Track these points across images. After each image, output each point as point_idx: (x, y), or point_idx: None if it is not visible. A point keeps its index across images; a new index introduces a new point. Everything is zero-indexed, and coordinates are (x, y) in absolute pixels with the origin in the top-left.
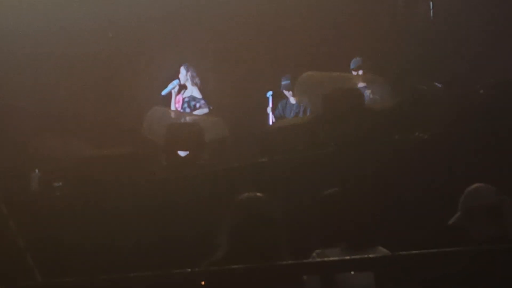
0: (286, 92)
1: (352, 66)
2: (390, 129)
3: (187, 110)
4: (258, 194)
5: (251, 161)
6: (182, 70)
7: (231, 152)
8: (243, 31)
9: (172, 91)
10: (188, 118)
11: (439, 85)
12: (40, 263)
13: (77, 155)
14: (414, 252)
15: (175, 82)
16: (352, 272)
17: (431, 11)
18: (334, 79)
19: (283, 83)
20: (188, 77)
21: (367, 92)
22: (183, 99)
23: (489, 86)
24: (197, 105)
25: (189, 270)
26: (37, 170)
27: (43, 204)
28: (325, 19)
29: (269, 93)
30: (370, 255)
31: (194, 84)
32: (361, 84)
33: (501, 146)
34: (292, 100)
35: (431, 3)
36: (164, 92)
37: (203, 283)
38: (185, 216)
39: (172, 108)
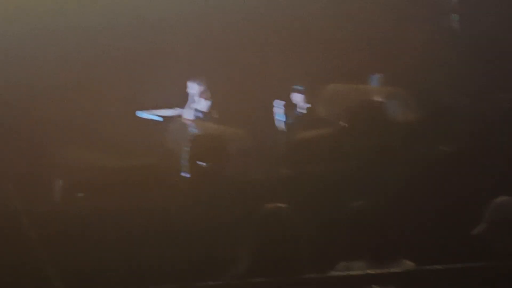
0: (296, 97)
1: (372, 83)
2: (415, 142)
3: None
4: (281, 205)
5: (275, 173)
6: (193, 85)
7: (254, 163)
8: (257, 41)
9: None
10: (211, 129)
11: (464, 98)
12: (62, 275)
13: (100, 165)
14: (438, 267)
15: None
16: (375, 287)
17: (457, 23)
18: (358, 91)
19: (294, 87)
20: (199, 91)
21: (392, 105)
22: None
23: None
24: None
25: (212, 283)
26: (60, 181)
27: (66, 214)
28: (349, 31)
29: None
30: (394, 270)
31: (206, 98)
32: (385, 97)
33: None
34: (300, 108)
35: (456, 15)
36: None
37: None
38: (208, 228)
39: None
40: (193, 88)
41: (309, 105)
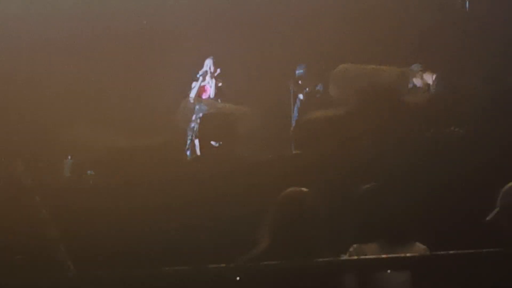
0: (304, 77)
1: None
2: (427, 123)
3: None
4: (303, 189)
5: (284, 153)
6: (208, 62)
7: (264, 143)
8: (270, 22)
9: (201, 77)
10: (221, 109)
11: (476, 81)
12: (72, 252)
13: (110, 144)
14: (451, 252)
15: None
16: (389, 271)
17: (467, 2)
18: (369, 72)
19: (297, 72)
20: (211, 71)
21: (404, 86)
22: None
23: None
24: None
25: (224, 265)
26: (69, 157)
27: (76, 192)
28: (359, 12)
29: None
30: (408, 254)
31: (213, 77)
32: (397, 78)
33: None
34: (309, 88)
35: None
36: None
37: (238, 278)
38: (217, 208)
39: (192, 95)
40: (205, 67)
41: (319, 86)
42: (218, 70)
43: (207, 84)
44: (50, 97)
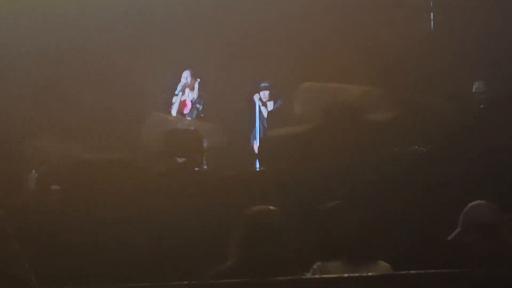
0: (262, 94)
1: (474, 89)
2: (390, 141)
3: (195, 113)
4: (270, 207)
5: (249, 169)
6: (187, 74)
7: (228, 159)
8: (237, 39)
9: (179, 93)
10: (187, 124)
11: (439, 98)
12: (36, 268)
13: (75, 158)
14: (413, 272)
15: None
16: None
17: (432, 21)
18: (333, 90)
19: (261, 88)
20: (192, 81)
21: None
22: (192, 101)
23: (489, 101)
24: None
25: (186, 282)
26: (33, 171)
27: (40, 207)
28: (327, 28)
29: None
30: (369, 273)
31: (193, 88)
32: (359, 96)
33: (502, 162)
34: (270, 106)
35: (432, 14)
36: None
37: None
38: (182, 223)
39: (173, 113)
40: (183, 80)
41: (283, 103)
42: (198, 80)
43: (187, 98)
44: (14, 109)
